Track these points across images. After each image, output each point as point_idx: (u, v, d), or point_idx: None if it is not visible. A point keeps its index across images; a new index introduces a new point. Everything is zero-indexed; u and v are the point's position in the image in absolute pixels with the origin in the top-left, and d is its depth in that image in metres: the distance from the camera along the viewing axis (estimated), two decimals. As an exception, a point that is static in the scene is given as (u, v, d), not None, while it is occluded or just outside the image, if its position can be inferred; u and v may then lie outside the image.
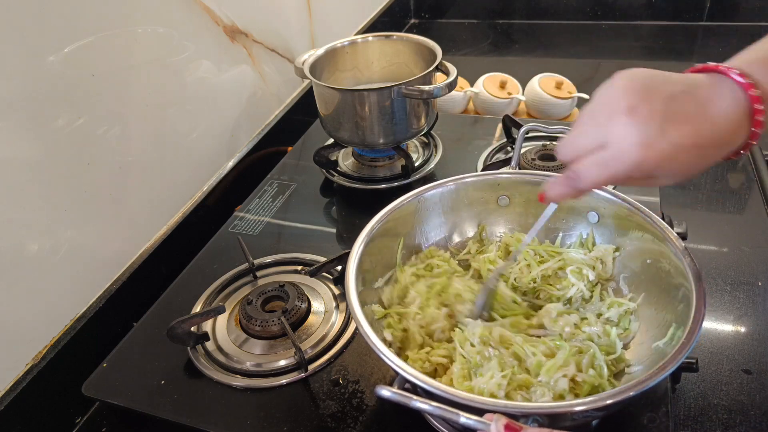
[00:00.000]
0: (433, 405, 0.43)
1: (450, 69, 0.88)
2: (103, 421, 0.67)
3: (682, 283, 0.53)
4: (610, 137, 0.44)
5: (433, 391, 0.45)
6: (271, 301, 0.71)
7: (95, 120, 0.70)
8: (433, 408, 0.42)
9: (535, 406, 0.43)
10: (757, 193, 0.87)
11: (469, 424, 0.41)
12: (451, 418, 0.42)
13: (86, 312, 0.71)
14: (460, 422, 0.41)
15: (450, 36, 1.65)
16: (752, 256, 0.76)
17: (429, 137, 1.02)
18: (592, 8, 1.58)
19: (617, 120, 0.44)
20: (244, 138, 1.02)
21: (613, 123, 0.44)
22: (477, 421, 0.41)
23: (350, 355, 0.65)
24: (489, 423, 0.40)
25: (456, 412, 0.42)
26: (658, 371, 0.44)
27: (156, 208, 0.83)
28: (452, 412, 0.42)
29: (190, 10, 0.84)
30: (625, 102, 0.43)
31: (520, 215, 0.70)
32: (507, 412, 0.42)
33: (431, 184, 0.67)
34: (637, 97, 0.43)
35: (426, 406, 0.43)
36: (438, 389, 0.44)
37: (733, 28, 1.48)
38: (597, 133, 0.45)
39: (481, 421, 0.41)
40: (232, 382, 0.63)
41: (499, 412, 0.41)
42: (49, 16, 0.62)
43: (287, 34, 1.10)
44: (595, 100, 0.47)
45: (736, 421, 0.57)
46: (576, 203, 0.65)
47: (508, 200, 0.70)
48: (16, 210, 0.62)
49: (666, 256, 0.57)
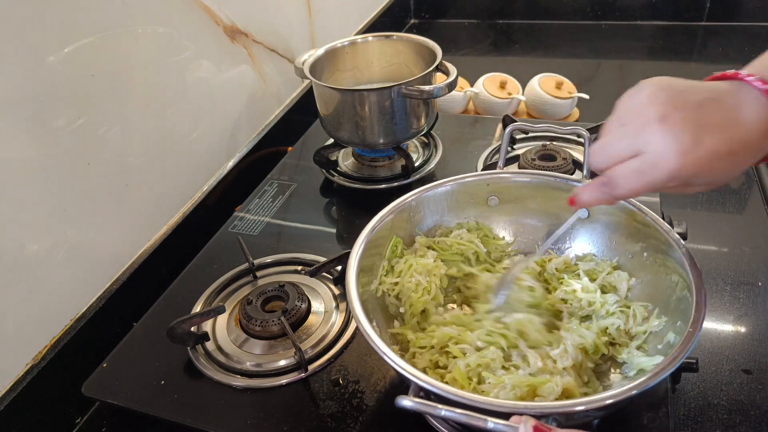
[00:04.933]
0: (458, 412, 0.42)
1: (450, 69, 0.88)
2: (103, 421, 0.67)
3: (682, 283, 0.53)
4: (646, 146, 0.44)
5: (452, 398, 0.44)
6: (271, 301, 0.71)
7: (95, 120, 0.70)
8: (459, 415, 0.42)
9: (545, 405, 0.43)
10: (757, 193, 0.87)
11: (498, 429, 0.41)
12: (478, 424, 0.41)
13: (86, 312, 0.71)
14: (488, 427, 0.41)
15: (450, 36, 1.64)
16: (752, 256, 0.76)
17: (429, 137, 1.02)
18: (592, 8, 1.58)
19: (651, 128, 0.44)
20: (244, 138, 1.02)
21: (646, 132, 0.44)
22: (505, 425, 0.40)
23: (350, 355, 0.65)
24: (517, 426, 0.40)
25: (483, 418, 0.41)
26: (659, 371, 0.44)
27: (156, 208, 0.83)
28: (479, 418, 0.41)
29: (190, 10, 0.84)
30: (656, 110, 0.44)
31: (509, 214, 0.71)
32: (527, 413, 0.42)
33: (431, 185, 0.68)
34: (668, 105, 0.43)
35: (452, 414, 0.42)
36: (457, 395, 0.44)
37: (733, 28, 1.48)
38: (630, 141, 0.45)
39: (509, 424, 0.40)
40: (232, 382, 0.63)
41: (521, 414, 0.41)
42: (49, 16, 0.62)
43: (287, 34, 1.10)
44: (622, 108, 0.47)
45: (736, 421, 0.57)
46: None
47: (498, 200, 0.70)
48: (16, 210, 0.62)
49: (666, 255, 0.57)
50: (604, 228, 0.65)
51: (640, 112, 0.45)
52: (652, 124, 0.44)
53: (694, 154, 0.43)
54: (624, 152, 0.46)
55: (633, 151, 0.45)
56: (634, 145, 0.45)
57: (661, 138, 0.43)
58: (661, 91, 0.44)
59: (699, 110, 0.43)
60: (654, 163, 0.44)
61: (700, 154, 0.43)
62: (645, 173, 0.45)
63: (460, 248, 0.68)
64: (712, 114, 0.43)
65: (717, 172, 0.44)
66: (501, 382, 0.52)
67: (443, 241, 0.69)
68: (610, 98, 0.49)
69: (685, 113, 0.43)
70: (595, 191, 0.50)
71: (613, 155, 0.47)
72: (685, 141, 0.43)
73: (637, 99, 0.45)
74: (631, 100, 0.46)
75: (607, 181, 0.48)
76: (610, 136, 0.47)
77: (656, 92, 0.44)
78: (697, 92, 0.45)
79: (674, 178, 0.44)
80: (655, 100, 0.44)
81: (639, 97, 0.45)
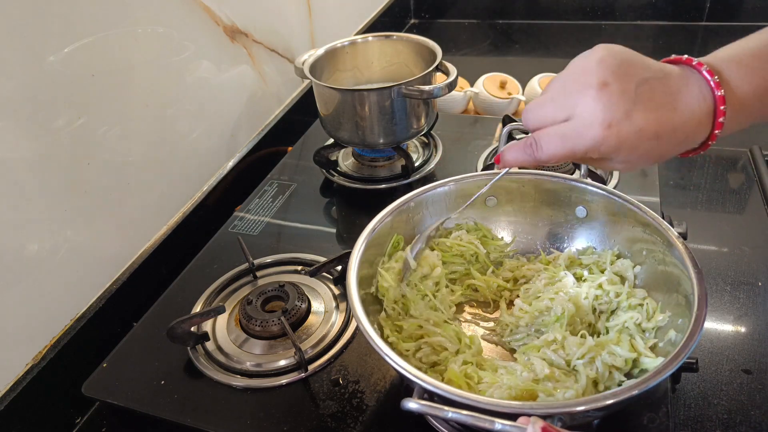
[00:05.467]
0: (465, 414, 0.42)
1: (450, 69, 0.88)
2: (103, 421, 0.67)
3: (683, 283, 0.53)
4: (575, 110, 0.44)
5: (457, 399, 0.44)
6: (271, 301, 0.71)
7: (95, 120, 0.70)
8: (466, 417, 0.42)
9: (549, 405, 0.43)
10: (757, 193, 0.87)
11: (505, 430, 0.40)
12: (485, 426, 0.41)
13: (86, 312, 0.71)
14: (495, 429, 0.41)
15: (450, 36, 1.64)
16: (752, 256, 0.76)
17: (429, 137, 1.02)
18: (592, 8, 1.58)
19: (587, 93, 0.43)
20: (244, 138, 1.02)
21: (581, 96, 0.44)
22: (513, 426, 0.40)
23: (350, 355, 0.65)
24: (524, 427, 0.40)
25: (491, 419, 0.41)
26: (659, 371, 0.44)
27: (156, 208, 0.83)
28: (486, 420, 0.41)
29: (190, 10, 0.84)
30: (599, 76, 0.43)
31: (508, 215, 0.71)
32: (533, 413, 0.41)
33: (429, 185, 0.68)
34: (612, 74, 0.43)
35: (459, 416, 0.42)
36: (462, 397, 0.44)
37: (733, 28, 1.48)
38: (565, 104, 0.45)
39: (517, 425, 0.40)
40: (232, 382, 0.63)
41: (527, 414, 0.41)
42: (49, 16, 0.62)
43: (287, 34, 1.10)
44: (570, 68, 0.47)
45: (736, 421, 0.57)
46: (567, 198, 0.66)
47: (496, 201, 0.70)
48: (16, 210, 0.62)
49: (666, 255, 0.57)
50: (603, 228, 0.65)
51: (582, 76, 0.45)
52: (589, 90, 0.43)
53: (619, 128, 0.42)
54: (555, 115, 0.46)
55: (564, 116, 0.45)
56: (567, 109, 0.45)
57: (591, 105, 0.43)
58: (612, 59, 0.44)
59: (640, 87, 0.43)
60: (578, 130, 0.44)
61: (626, 130, 0.42)
62: (568, 139, 0.45)
63: (460, 249, 0.68)
64: (651, 93, 0.43)
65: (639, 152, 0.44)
66: (496, 382, 0.52)
67: (443, 242, 0.69)
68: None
69: (624, 86, 0.43)
70: (518, 152, 0.50)
71: (545, 117, 0.47)
72: (615, 113, 0.42)
73: (585, 62, 0.45)
74: (580, 62, 0.46)
75: (532, 143, 0.48)
76: (547, 95, 0.47)
77: (606, 59, 0.44)
78: (646, 69, 0.44)
79: (594, 150, 0.44)
80: (601, 66, 0.44)
81: (588, 61, 0.45)
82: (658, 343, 0.54)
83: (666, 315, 0.55)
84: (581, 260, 0.66)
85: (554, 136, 0.46)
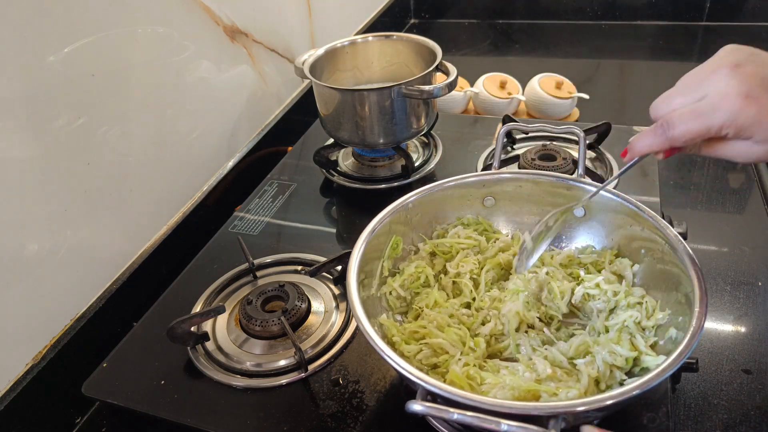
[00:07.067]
0: (470, 415, 0.42)
1: (450, 69, 0.88)
2: (103, 421, 0.67)
3: (682, 281, 0.53)
4: (710, 89, 0.44)
5: (461, 401, 0.44)
6: (271, 301, 0.71)
7: (95, 120, 0.70)
8: (471, 418, 0.42)
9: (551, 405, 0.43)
10: (757, 193, 0.87)
11: (511, 431, 0.40)
12: (491, 427, 0.41)
13: (86, 312, 0.71)
14: (501, 430, 0.40)
15: (450, 36, 1.64)
16: (752, 256, 0.76)
17: (429, 137, 1.02)
18: (592, 8, 1.58)
19: (720, 72, 0.43)
20: (244, 138, 1.02)
21: (714, 76, 0.44)
22: (519, 427, 0.40)
23: (350, 355, 0.65)
24: (530, 428, 0.40)
25: (497, 420, 0.41)
26: (659, 372, 0.44)
27: (156, 208, 0.83)
28: (492, 421, 0.41)
29: (190, 10, 0.84)
30: (731, 60, 0.44)
31: (506, 214, 0.71)
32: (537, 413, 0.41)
33: (428, 186, 0.68)
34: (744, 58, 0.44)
35: (464, 417, 0.42)
36: (467, 398, 0.44)
37: (733, 28, 1.48)
38: (697, 88, 0.45)
39: (523, 426, 0.40)
40: (232, 382, 0.63)
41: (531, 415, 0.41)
42: (49, 16, 0.62)
43: (287, 34, 1.10)
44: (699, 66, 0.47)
45: (736, 421, 0.57)
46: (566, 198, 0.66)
47: (494, 200, 0.70)
48: (16, 210, 0.62)
49: (665, 254, 0.57)
50: (602, 228, 0.65)
51: (713, 64, 0.45)
52: (722, 69, 0.43)
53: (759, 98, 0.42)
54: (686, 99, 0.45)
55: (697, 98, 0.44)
56: (699, 91, 0.44)
57: (726, 81, 0.43)
58: (740, 50, 0.45)
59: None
60: (714, 104, 0.43)
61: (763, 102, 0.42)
62: (702, 114, 0.44)
63: (460, 247, 0.68)
64: None
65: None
66: (498, 383, 0.52)
67: (443, 244, 0.68)
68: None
69: (758, 69, 0.43)
70: (649, 136, 0.48)
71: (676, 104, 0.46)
72: (752, 85, 0.42)
73: (714, 56, 0.46)
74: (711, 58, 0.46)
75: (663, 123, 0.46)
76: (677, 86, 0.47)
77: (735, 50, 0.45)
78: None
79: (731, 123, 0.43)
80: (731, 53, 0.44)
81: (717, 55, 0.45)
82: (659, 341, 0.54)
83: (666, 313, 0.55)
84: (580, 259, 0.66)
85: (687, 114, 0.45)
